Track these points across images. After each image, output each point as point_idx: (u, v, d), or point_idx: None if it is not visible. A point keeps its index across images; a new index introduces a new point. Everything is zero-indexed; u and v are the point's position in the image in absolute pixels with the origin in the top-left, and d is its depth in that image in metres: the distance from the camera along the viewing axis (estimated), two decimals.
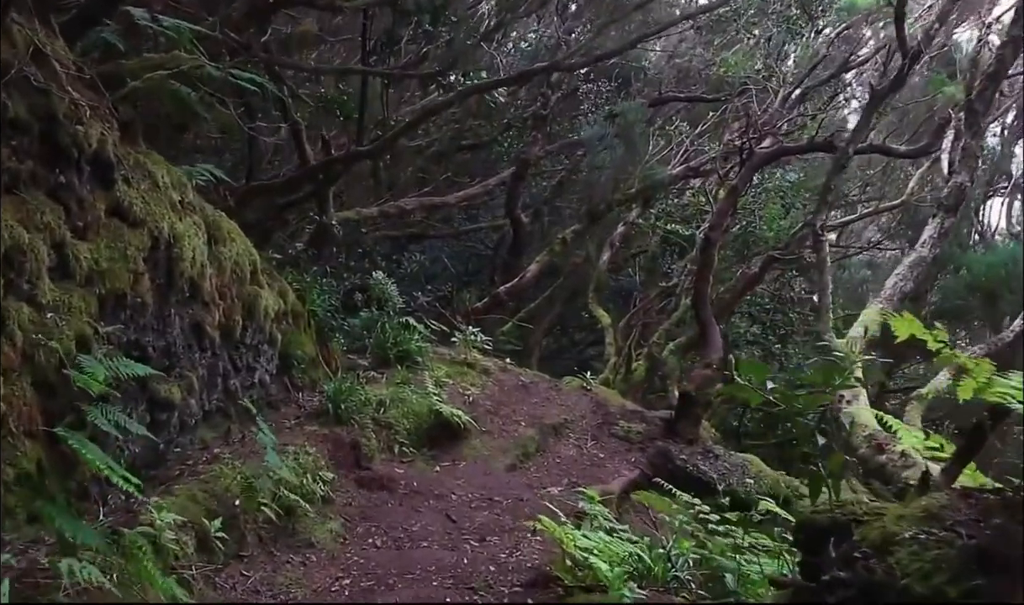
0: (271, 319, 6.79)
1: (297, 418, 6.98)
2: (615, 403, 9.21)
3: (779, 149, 9.03)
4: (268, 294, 6.73)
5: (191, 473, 4.96)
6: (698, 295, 8.73)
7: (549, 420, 8.48)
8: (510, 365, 9.73)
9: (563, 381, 9.76)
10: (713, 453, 8.46)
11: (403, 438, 7.09)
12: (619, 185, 12.12)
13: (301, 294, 8.16)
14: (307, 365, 7.77)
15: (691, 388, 8.47)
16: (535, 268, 12.30)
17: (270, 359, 7.04)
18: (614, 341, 11.85)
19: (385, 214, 14.46)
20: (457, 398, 8.18)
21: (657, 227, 12.89)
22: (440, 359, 9.06)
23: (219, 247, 5.87)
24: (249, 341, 6.52)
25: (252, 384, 6.75)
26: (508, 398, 8.77)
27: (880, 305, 6.69)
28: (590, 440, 8.42)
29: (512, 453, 7.64)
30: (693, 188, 14.24)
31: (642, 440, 8.49)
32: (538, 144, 13.09)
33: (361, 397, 7.02)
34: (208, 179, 6.53)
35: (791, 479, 8.71)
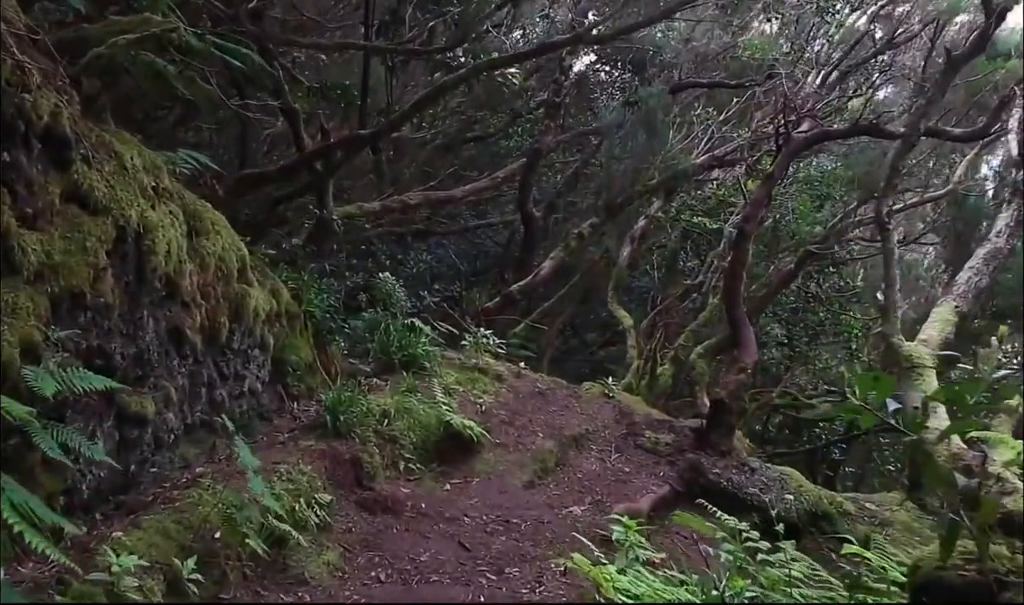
0: (262, 321, 6.21)
1: (291, 431, 6.40)
2: (640, 411, 8.60)
3: (820, 133, 8.40)
4: (258, 293, 6.14)
5: (165, 499, 4.38)
6: (730, 293, 8.11)
7: (569, 431, 7.87)
8: (525, 370, 9.13)
9: (583, 387, 9.15)
10: (748, 466, 7.85)
11: (409, 453, 6.49)
12: (639, 176, 11.50)
13: (297, 294, 7.59)
14: (303, 371, 7.20)
15: (724, 395, 7.86)
16: (550, 265, 11.69)
17: (261, 365, 6.46)
18: (636, 343, 11.22)
19: (388, 209, 13.90)
20: (468, 407, 7.59)
21: (681, 221, 12.25)
22: (449, 364, 8.46)
23: (201, 240, 5.29)
24: (237, 346, 5.94)
25: (241, 393, 6.18)
26: (524, 407, 8.17)
27: (953, 302, 6.05)
28: (614, 452, 7.81)
29: (529, 468, 7.04)
30: (717, 179, 13.60)
31: (671, 452, 7.87)
32: (551, 133, 12.48)
33: (362, 407, 6.43)
34: (192, 166, 5.96)
35: (833, 494, 8.10)
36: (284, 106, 8.82)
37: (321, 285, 8.08)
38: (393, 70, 9.49)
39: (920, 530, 7.32)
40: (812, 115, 8.77)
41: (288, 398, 6.94)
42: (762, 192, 7.97)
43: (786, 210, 11.17)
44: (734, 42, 14.61)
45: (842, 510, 7.67)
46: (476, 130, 18.29)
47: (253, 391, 6.39)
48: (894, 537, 7.21)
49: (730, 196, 13.04)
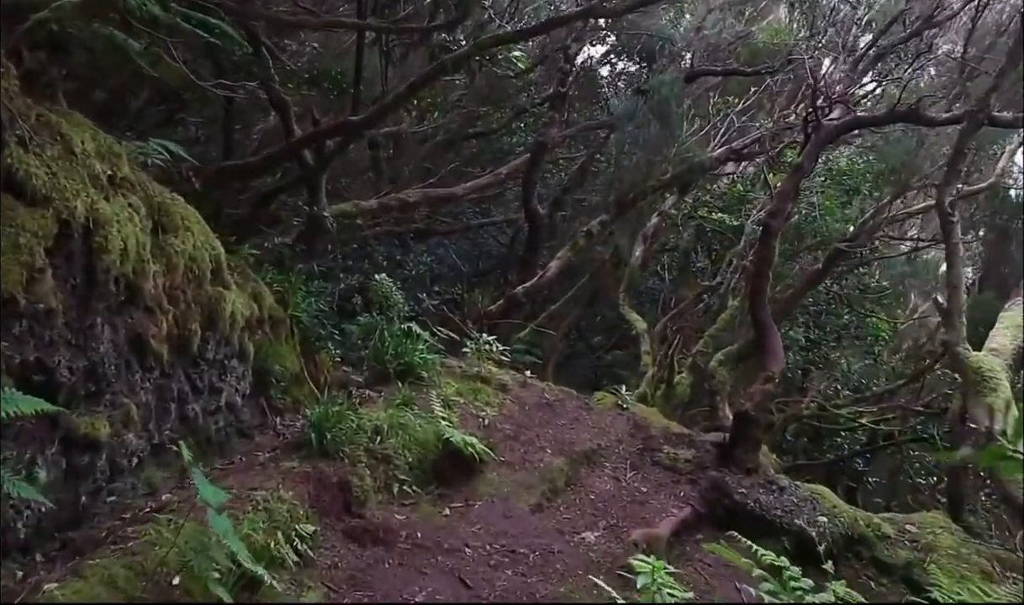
0: (240, 328, 5.69)
1: (274, 449, 5.86)
2: (657, 424, 8.06)
3: (852, 120, 7.85)
4: (236, 297, 5.62)
5: (119, 537, 3.85)
6: (755, 295, 7.57)
7: (580, 446, 7.33)
8: (531, 379, 8.60)
9: (594, 397, 8.60)
10: (777, 485, 7.30)
11: (404, 474, 5.95)
12: (652, 170, 10.97)
13: (283, 297, 7.07)
14: (289, 382, 6.68)
15: (749, 407, 7.31)
16: (556, 265, 11.15)
17: (240, 377, 5.94)
18: (651, 350, 10.66)
19: (386, 207, 13.39)
20: (470, 421, 7.06)
21: (698, 217, 11.70)
22: (449, 373, 7.93)
23: (168, 238, 4.76)
24: (211, 355, 5.42)
25: (217, 408, 5.66)
26: (530, 420, 7.63)
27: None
28: (629, 470, 7.27)
29: (537, 489, 6.50)
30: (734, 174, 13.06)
31: (691, 470, 7.33)
32: (556, 126, 11.94)
33: (352, 423, 5.90)
34: (165, 157, 5.44)
35: (869, 516, 7.54)
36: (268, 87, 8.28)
37: (310, 287, 7.56)
38: (389, 56, 8.98)
39: (968, 557, 6.76)
40: (843, 101, 8.23)
41: (271, 412, 6.41)
42: (789, 185, 7.43)
43: (810, 206, 10.60)
44: (747, 31, 14.12)
45: (880, 533, 7.12)
46: (478, 126, 17.82)
47: (231, 405, 5.87)
48: (940, 564, 6.67)
49: (747, 191, 12.50)
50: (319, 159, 8.50)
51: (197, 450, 5.46)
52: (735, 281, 10.91)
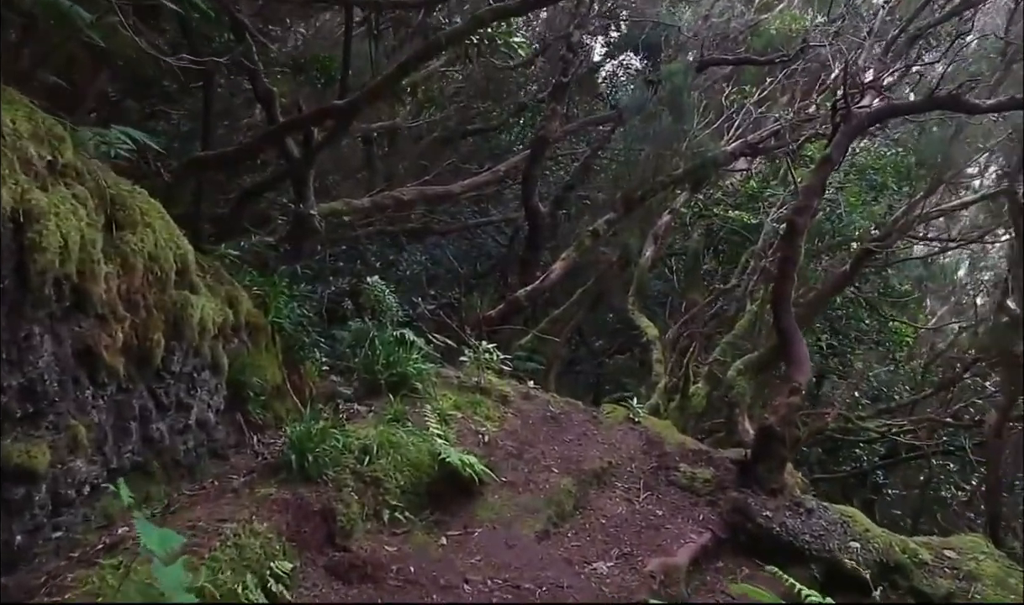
0: (211, 336, 5.17)
1: (250, 472, 5.35)
2: (672, 440, 7.54)
3: (887, 108, 7.34)
4: (207, 302, 5.10)
5: (56, 587, 3.33)
6: (779, 298, 7.06)
7: (589, 465, 6.82)
8: (534, 390, 8.08)
9: (602, 410, 8.08)
10: (804, 507, 6.78)
11: (396, 499, 5.44)
12: (663, 164, 10.46)
13: (264, 301, 6.56)
14: (269, 396, 6.17)
15: (773, 421, 6.79)
16: (560, 266, 10.63)
17: (213, 391, 5.42)
18: (663, 357, 10.14)
19: (379, 206, 12.89)
20: (468, 438, 6.54)
21: (712, 215, 11.19)
22: (446, 384, 7.42)
23: (125, 235, 4.25)
24: (178, 368, 4.90)
25: (186, 427, 5.14)
26: (534, 435, 7.11)
27: None
28: (643, 491, 6.76)
29: (543, 513, 5.99)
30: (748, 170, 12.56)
31: (711, 490, 6.82)
32: (557, 119, 11.42)
33: (338, 442, 5.38)
34: (127, 145, 4.93)
35: (905, 540, 7.02)
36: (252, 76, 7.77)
37: (295, 291, 7.04)
38: (379, 40, 8.47)
39: (1016, 587, 6.25)
40: (876, 87, 7.72)
41: (249, 429, 5.90)
42: (817, 179, 6.93)
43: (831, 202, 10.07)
44: (757, 19, 13.65)
45: (918, 559, 6.60)
46: (476, 122, 17.35)
47: (203, 423, 5.35)
48: (985, 595, 6.17)
49: (763, 188, 11.99)
50: (306, 152, 7.99)
51: (163, 474, 4.97)
52: (753, 284, 10.41)
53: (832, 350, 11.15)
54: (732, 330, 10.17)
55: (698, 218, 12.38)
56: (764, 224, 10.36)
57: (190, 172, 6.66)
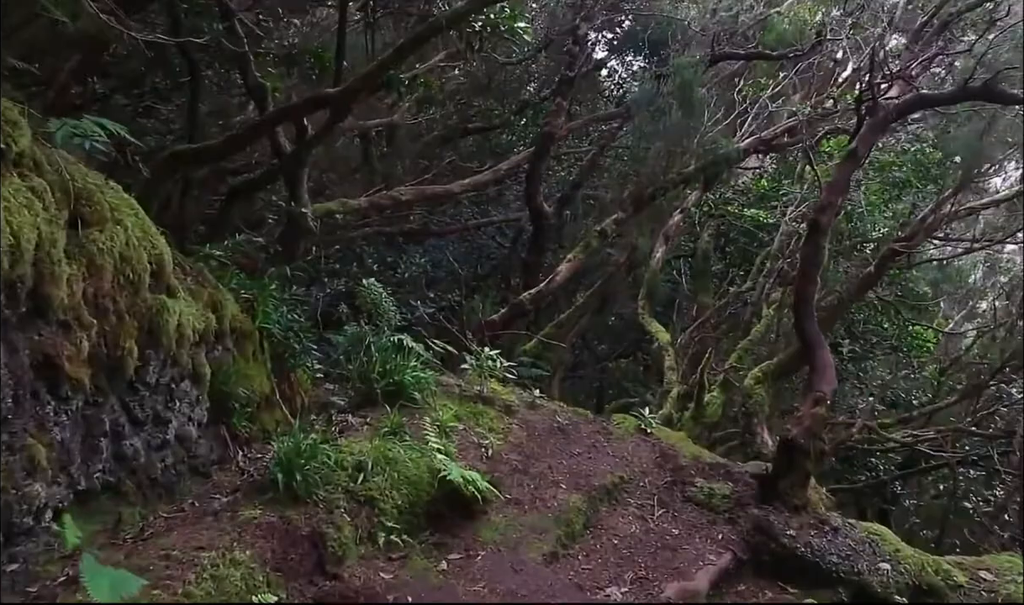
0: (191, 343, 4.80)
1: (234, 491, 4.98)
2: (686, 452, 7.16)
3: (916, 99, 6.95)
4: (186, 306, 4.73)
5: None
6: (801, 302, 6.69)
7: (599, 480, 6.44)
8: (540, 398, 7.69)
9: (612, 421, 7.70)
10: (829, 525, 6.40)
11: (392, 520, 5.06)
12: (673, 162, 10.08)
13: (252, 305, 6.18)
14: (256, 407, 5.80)
15: (796, 433, 6.40)
16: (566, 268, 10.25)
17: (194, 403, 5.05)
18: (675, 365, 9.74)
19: (377, 206, 12.54)
20: (470, 452, 6.16)
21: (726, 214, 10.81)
22: (446, 393, 7.04)
23: (92, 233, 3.88)
24: (154, 379, 4.53)
25: (164, 443, 4.77)
26: (541, 448, 6.73)
27: None
28: (657, 508, 6.38)
29: (551, 534, 5.61)
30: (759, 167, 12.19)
31: (730, 507, 6.43)
32: (563, 114, 11.05)
33: (330, 459, 5.01)
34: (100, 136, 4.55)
35: (938, 560, 6.63)
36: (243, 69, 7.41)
37: (285, 294, 6.66)
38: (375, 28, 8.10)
39: None
40: (905, 77, 7.34)
41: (234, 443, 5.53)
42: (841, 175, 6.56)
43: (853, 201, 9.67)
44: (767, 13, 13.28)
45: (952, 582, 6.20)
46: (477, 121, 17.01)
47: (183, 438, 4.98)
48: None
49: (773, 187, 11.62)
50: (298, 147, 7.61)
51: (138, 495, 4.59)
52: (769, 286, 10.03)
53: (852, 355, 10.74)
54: (747, 335, 9.79)
55: (708, 218, 11.99)
56: (780, 224, 9.98)
57: (171, 167, 6.28)
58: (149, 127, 10.14)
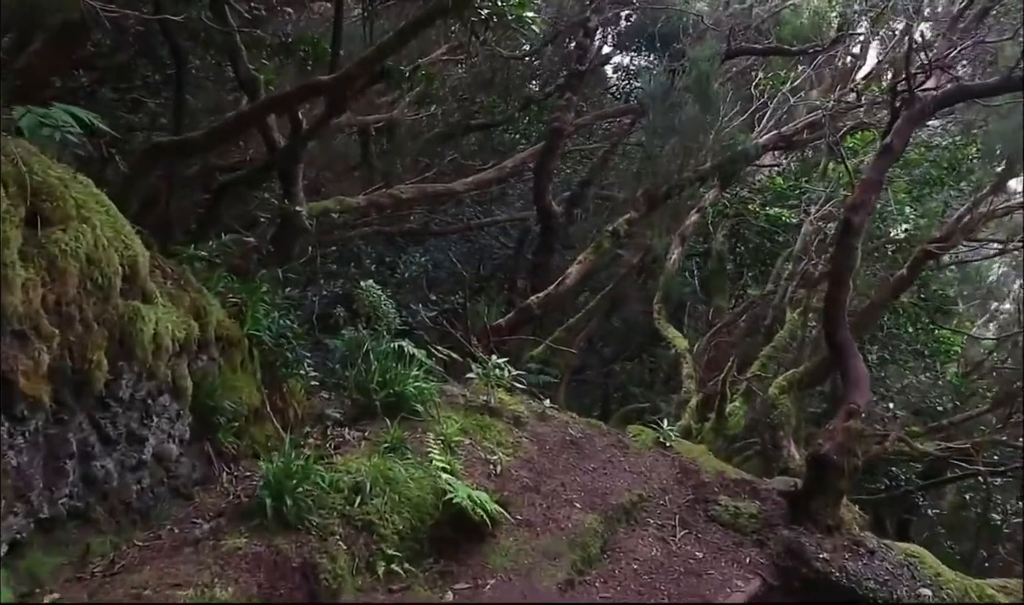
0: (170, 353, 4.38)
1: (218, 515, 4.57)
2: (708, 467, 6.73)
3: (957, 90, 6.53)
4: (164, 313, 4.32)
5: None
6: (832, 308, 6.28)
7: (616, 498, 6.02)
8: (551, 409, 7.27)
9: (628, 434, 7.27)
10: (865, 546, 5.98)
11: (392, 547, 4.64)
12: (689, 158, 9.67)
13: (241, 310, 5.78)
14: (245, 421, 5.38)
15: (830, 448, 5.99)
16: (577, 270, 9.82)
17: (174, 418, 4.63)
18: (693, 373, 9.29)
19: (376, 205, 12.14)
20: (477, 469, 5.75)
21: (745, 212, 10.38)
22: (451, 403, 6.62)
23: (52, 232, 3.47)
24: (127, 393, 4.12)
25: (140, 463, 4.36)
26: (553, 463, 6.31)
27: None
28: (679, 529, 5.96)
29: (566, 558, 5.19)
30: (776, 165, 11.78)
31: (757, 528, 6.02)
32: (572, 109, 10.64)
33: (323, 480, 4.59)
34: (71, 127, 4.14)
35: (981, 584, 6.21)
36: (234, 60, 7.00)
37: (276, 298, 6.25)
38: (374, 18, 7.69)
39: None
40: (943, 67, 6.92)
41: (220, 461, 5.11)
42: (876, 172, 6.14)
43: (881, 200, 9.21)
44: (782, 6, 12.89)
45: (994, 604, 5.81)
46: (480, 118, 16.63)
47: (162, 457, 4.57)
48: None
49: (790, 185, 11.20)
50: (292, 141, 7.20)
51: (109, 521, 4.18)
52: (792, 290, 9.60)
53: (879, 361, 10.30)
54: (769, 341, 9.35)
55: (723, 217, 11.56)
56: (803, 223, 9.56)
57: (152, 161, 5.87)
58: (137, 122, 9.74)
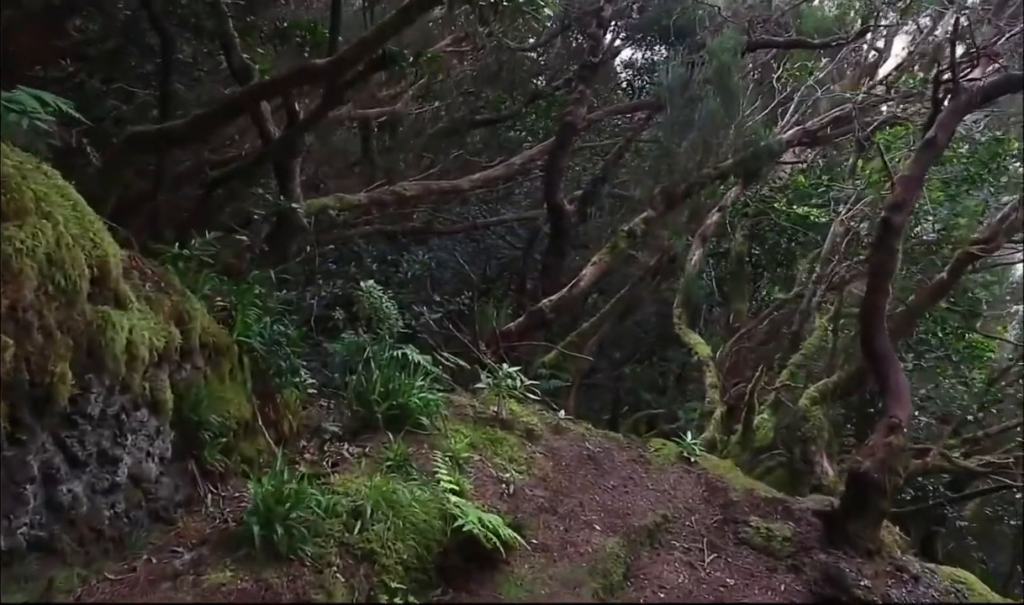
0: (146, 364, 3.96)
1: (201, 543, 4.14)
2: (737, 485, 6.29)
3: (1006, 80, 6.09)
4: (140, 319, 3.90)
5: None
6: (871, 315, 5.85)
7: (639, 519, 5.59)
8: (566, 421, 6.84)
9: (649, 447, 6.83)
10: (909, 572, 5.56)
11: (396, 578, 4.21)
12: (709, 153, 9.23)
13: (231, 314, 5.36)
14: (233, 436, 4.94)
15: (870, 466, 5.56)
16: (591, 272, 9.38)
17: (153, 435, 4.21)
18: (717, 382, 8.83)
19: (378, 203, 11.75)
20: (489, 488, 5.33)
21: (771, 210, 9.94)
22: (459, 415, 6.20)
23: (6, 229, 3.05)
24: (97, 410, 3.70)
25: (113, 486, 3.94)
26: (570, 481, 5.88)
27: None
28: (708, 552, 5.53)
29: (587, 587, 4.78)
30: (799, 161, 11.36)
31: (792, 551, 5.59)
32: (585, 102, 10.21)
33: (319, 504, 4.17)
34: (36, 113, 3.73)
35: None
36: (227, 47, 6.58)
37: (269, 301, 5.82)
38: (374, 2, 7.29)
39: None
40: (991, 54, 6.49)
41: (205, 481, 4.68)
42: (918, 167, 5.71)
43: None
44: None
45: None
46: (485, 113, 16.23)
47: (139, 478, 4.14)
48: None
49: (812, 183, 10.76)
50: (289, 133, 6.77)
51: (77, 552, 3.76)
52: (821, 294, 9.15)
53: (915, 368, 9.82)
54: (795, 348, 8.89)
55: (742, 216, 11.12)
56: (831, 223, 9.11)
57: (131, 151, 5.43)
58: (126, 113, 9.32)
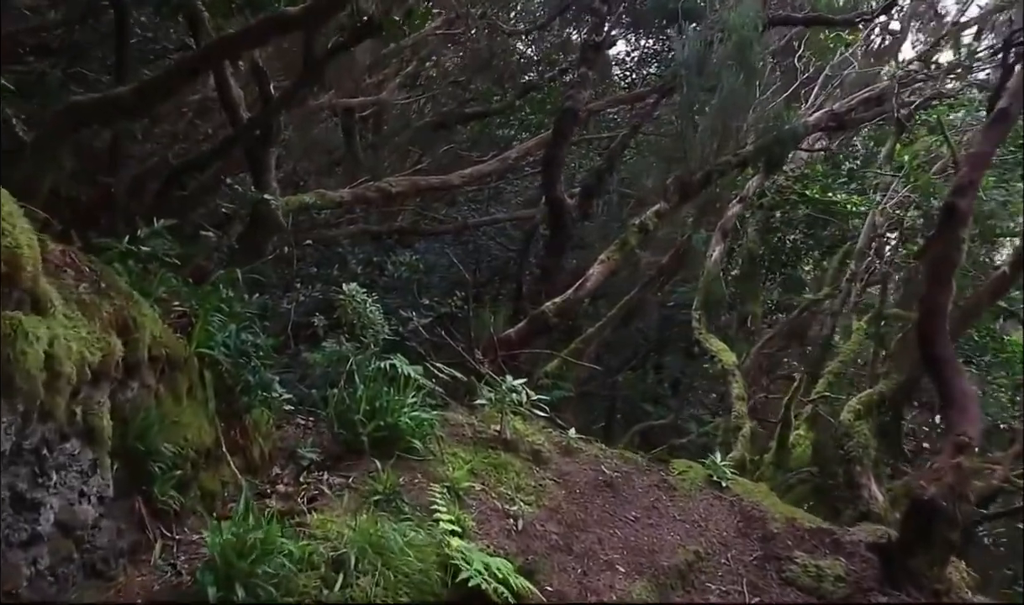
0: (75, 382, 3.27)
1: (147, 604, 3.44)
2: (776, 514, 5.64)
3: None
4: (66, 328, 3.21)
5: None
6: (931, 315, 5.23)
7: (667, 557, 4.93)
8: (577, 440, 6.17)
9: (672, 470, 6.15)
10: None
11: None
12: (729, 138, 8.60)
13: (189, 321, 4.67)
14: (192, 466, 4.25)
15: (935, 492, 4.93)
16: (599, 272, 8.71)
17: (88, 471, 3.52)
18: (744, 393, 8.17)
19: (362, 199, 11.13)
20: (494, 523, 4.65)
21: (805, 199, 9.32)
22: (456, 436, 5.54)
23: None
24: (7, 444, 3.00)
25: (35, 536, 3.24)
26: (586, 512, 5.21)
27: None
28: (749, 595, 4.87)
29: None
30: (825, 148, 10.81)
31: (847, 593, 4.94)
32: (588, 87, 9.58)
33: (291, 555, 3.48)
34: None
35: None
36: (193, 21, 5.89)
37: (236, 306, 5.12)
38: None
39: None
40: None
41: (155, 523, 3.99)
42: (988, 144, 5.12)
43: None
44: None
45: None
46: (475, 105, 15.64)
47: (69, 525, 3.44)
48: None
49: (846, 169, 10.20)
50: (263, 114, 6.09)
51: None
52: (856, 291, 8.53)
53: None
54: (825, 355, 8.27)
55: (757, 208, 10.53)
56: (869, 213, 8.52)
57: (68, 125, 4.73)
58: None
